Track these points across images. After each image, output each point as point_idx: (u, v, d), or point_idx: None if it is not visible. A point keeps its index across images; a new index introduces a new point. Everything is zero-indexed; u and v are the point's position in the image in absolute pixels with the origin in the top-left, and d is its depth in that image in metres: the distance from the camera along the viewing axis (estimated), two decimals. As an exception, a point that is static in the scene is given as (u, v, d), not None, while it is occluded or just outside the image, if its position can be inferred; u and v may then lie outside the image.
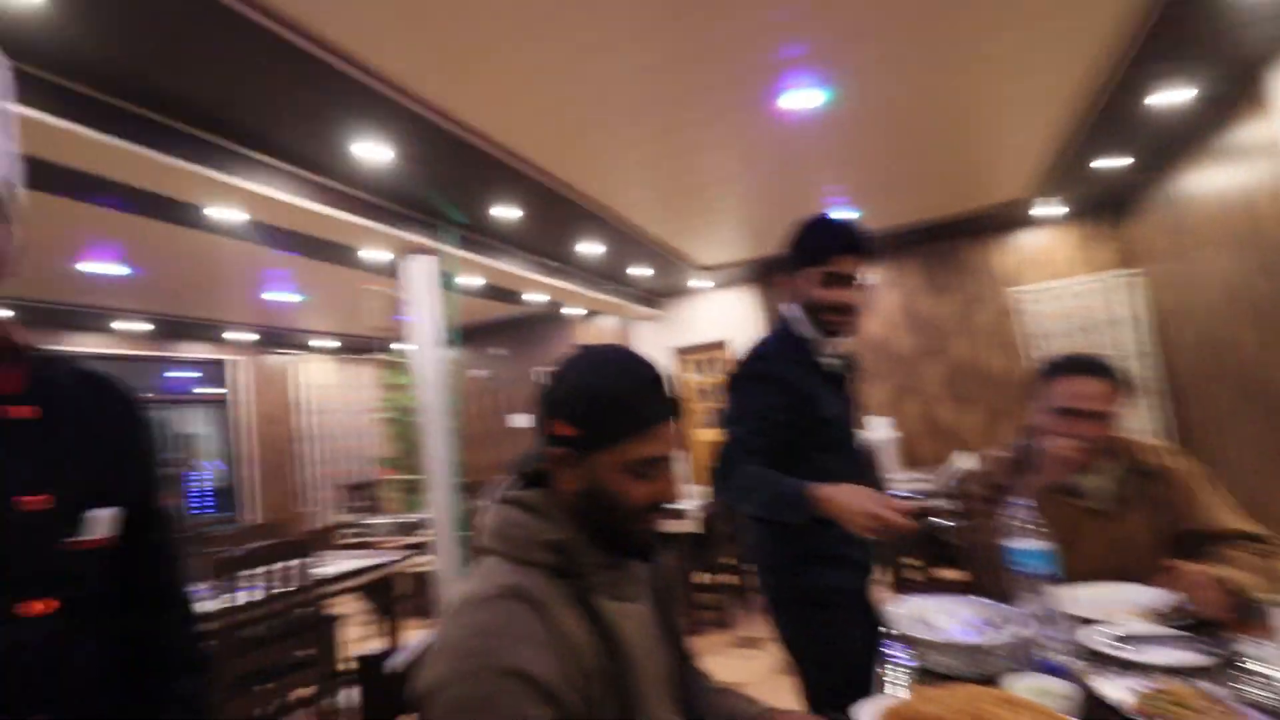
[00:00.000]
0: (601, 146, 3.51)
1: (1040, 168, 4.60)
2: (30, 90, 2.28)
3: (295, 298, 5.92)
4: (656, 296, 7.45)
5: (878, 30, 2.66)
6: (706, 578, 4.08)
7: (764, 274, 6.88)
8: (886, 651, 1.14)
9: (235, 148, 2.99)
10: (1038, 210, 5.51)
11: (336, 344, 8.02)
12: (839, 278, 1.49)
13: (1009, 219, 5.74)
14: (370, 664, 0.79)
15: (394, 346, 4.37)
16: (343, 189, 3.57)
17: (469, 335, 8.49)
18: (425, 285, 4.11)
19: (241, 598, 2.30)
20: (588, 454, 0.77)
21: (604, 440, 0.77)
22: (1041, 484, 1.40)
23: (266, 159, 3.14)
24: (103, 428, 0.77)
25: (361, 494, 6.89)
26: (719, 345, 7.21)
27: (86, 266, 4.47)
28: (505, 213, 4.27)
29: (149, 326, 6.16)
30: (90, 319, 5.73)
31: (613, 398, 0.77)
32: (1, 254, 0.69)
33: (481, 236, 4.67)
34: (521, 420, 8.28)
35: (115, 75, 2.41)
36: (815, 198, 4.73)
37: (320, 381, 7.87)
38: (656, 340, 7.57)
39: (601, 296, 6.32)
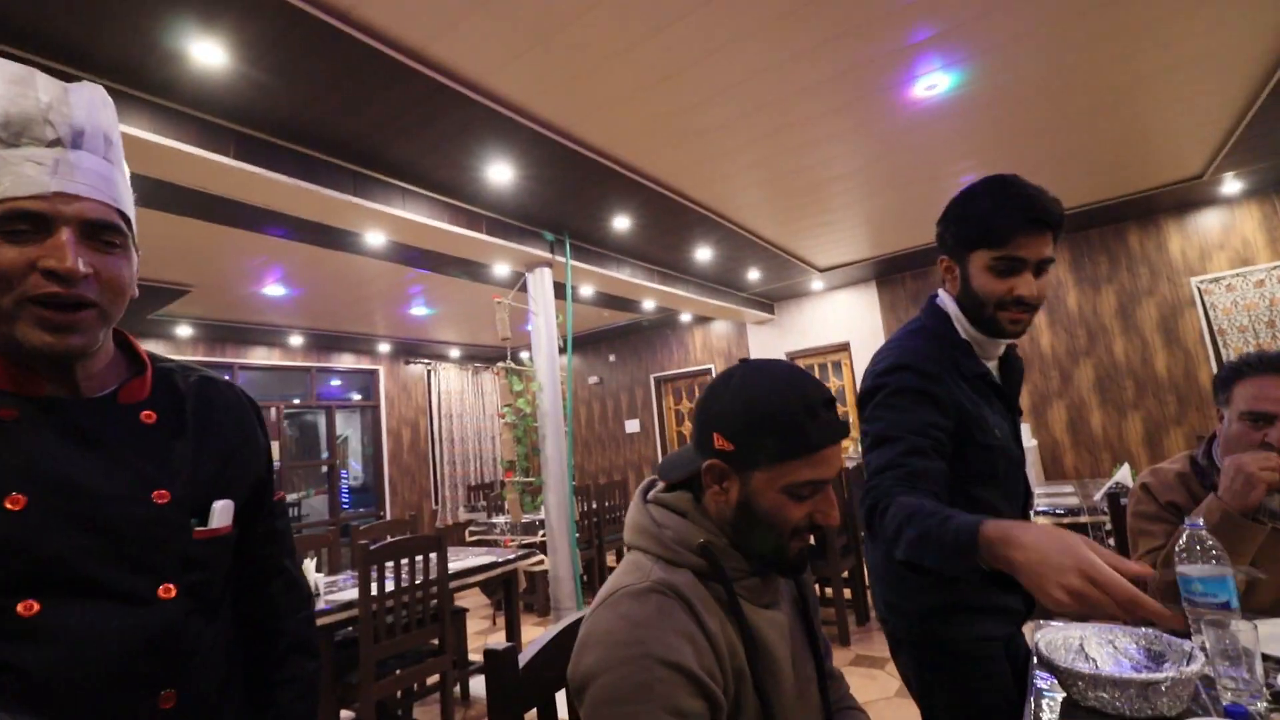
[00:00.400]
0: (713, 150, 3.52)
1: (1218, 140, 4.02)
2: (217, 137, 2.67)
3: (429, 311, 6.42)
4: (770, 300, 7.32)
5: (1018, 1, 2.46)
6: (824, 592, 3.92)
7: (886, 273, 6.56)
8: (1038, 685, 1.02)
9: (383, 178, 3.33)
10: (1215, 188, 4.82)
11: (464, 354, 8.60)
12: (1018, 263, 1.14)
13: (1179, 200, 5.06)
14: (498, 658, 0.83)
15: (517, 355, 4.61)
16: (473, 210, 3.84)
17: (584, 343, 8.79)
18: (544, 296, 4.31)
19: (381, 587, 2.52)
20: (745, 470, 0.76)
21: (763, 459, 0.75)
22: (1226, 503, 1.21)
23: (409, 186, 3.46)
24: (220, 428, 0.85)
25: (485, 494, 7.33)
26: (842, 347, 6.99)
27: (259, 289, 5.13)
28: (619, 223, 4.39)
29: (306, 340, 6.95)
30: (261, 335, 6.55)
31: (777, 418, 0.74)
32: (119, 283, 0.74)
33: (597, 248, 4.83)
34: (633, 426, 8.43)
35: (285, 121, 2.76)
36: (946, 188, 4.44)
37: (450, 389, 8.47)
38: (771, 344, 7.44)
39: (714, 302, 6.31)
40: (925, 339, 1.22)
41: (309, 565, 2.84)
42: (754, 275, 6.18)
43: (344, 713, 2.72)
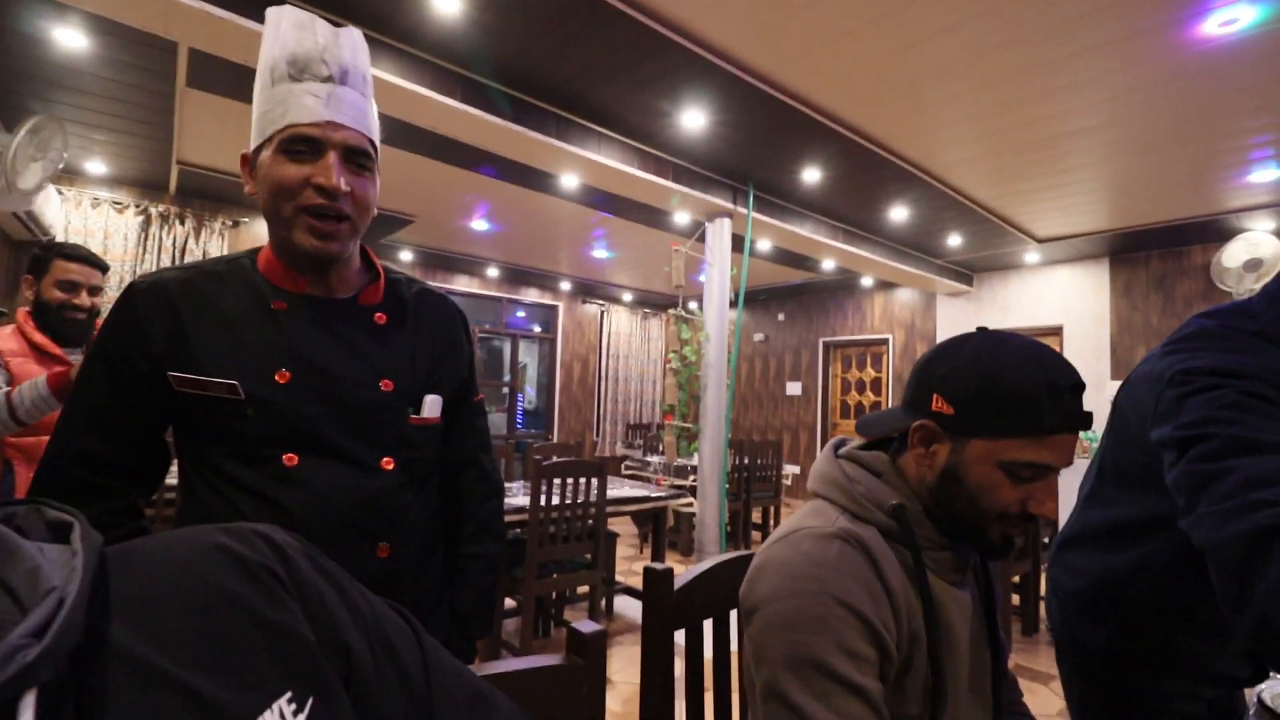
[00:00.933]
0: (927, 98, 3.20)
1: None
2: (447, 81, 2.97)
3: (609, 254, 6.72)
4: (969, 270, 6.61)
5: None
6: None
7: (1125, 250, 5.60)
8: None
9: (583, 122, 3.49)
10: None
11: (635, 298, 8.92)
12: None
13: None
14: (657, 576, 0.89)
15: (689, 304, 4.69)
16: (662, 156, 3.90)
17: (753, 298, 8.67)
18: (721, 247, 4.30)
19: (548, 499, 2.79)
20: (961, 437, 0.73)
21: (986, 429, 0.71)
22: None
23: (604, 130, 3.60)
24: (436, 333, 0.97)
25: (642, 433, 7.69)
26: (1052, 331, 6.15)
27: (468, 223, 5.71)
28: (808, 175, 4.20)
29: (500, 273, 7.64)
30: (465, 264, 7.33)
31: (1013, 389, 0.70)
32: (367, 201, 0.85)
33: (781, 200, 4.68)
34: (795, 388, 8.23)
35: (504, 66, 2.99)
36: (1227, 153, 3.64)
37: (619, 330, 8.87)
38: (963, 319, 6.76)
39: (903, 267, 5.84)
40: (1262, 344, 0.85)
41: (491, 470, 3.21)
42: (954, 241, 5.60)
43: (508, 600, 3.10)
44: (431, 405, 0.94)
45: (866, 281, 7.37)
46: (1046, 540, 3.50)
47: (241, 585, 0.37)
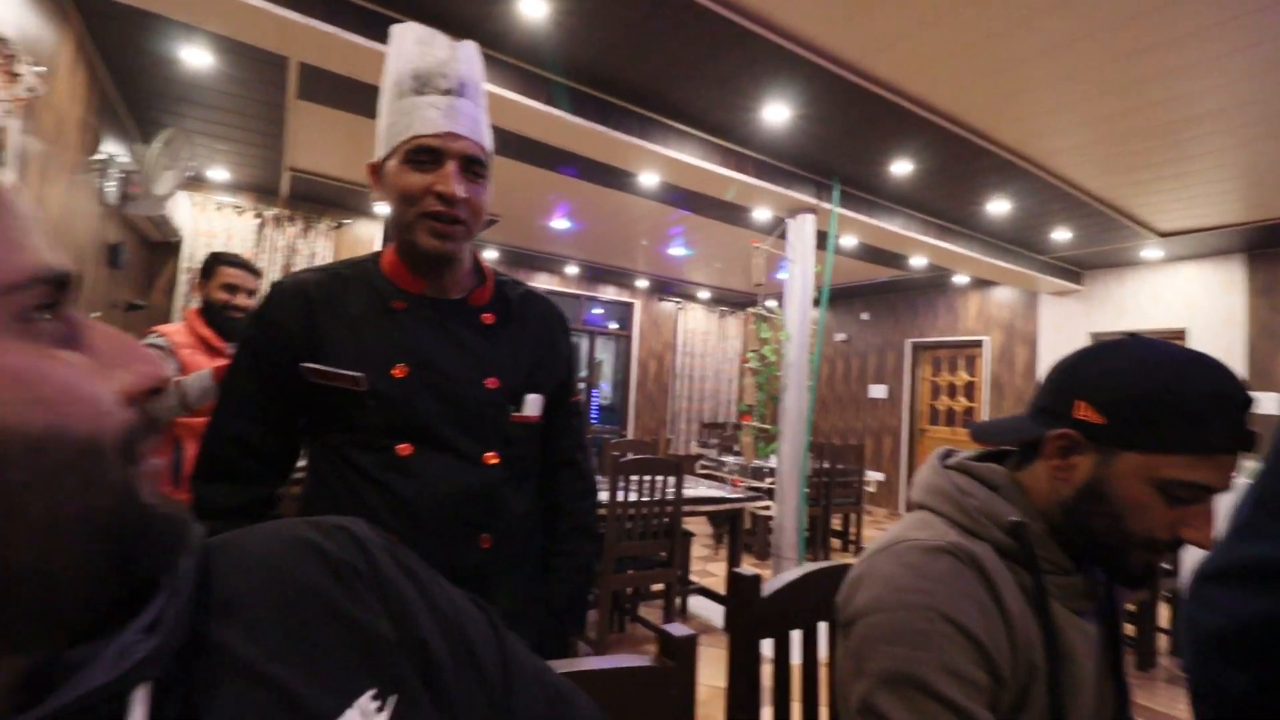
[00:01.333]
0: (1031, 82, 2.97)
1: None
2: (534, 85, 3.03)
3: (686, 252, 6.70)
4: (1078, 267, 6.13)
5: None
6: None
7: (1263, 245, 5.03)
8: None
9: (664, 120, 3.49)
10: None
11: (712, 296, 8.84)
12: None
13: None
14: (744, 582, 0.86)
15: (767, 302, 4.59)
16: (742, 151, 3.84)
17: (835, 296, 8.40)
18: (804, 244, 4.18)
19: (626, 495, 2.81)
20: (1110, 449, 0.66)
21: (1143, 442, 0.64)
22: None
23: (684, 128, 3.58)
24: (538, 334, 1.01)
25: (717, 432, 7.61)
26: (1174, 335, 5.60)
27: (548, 222, 5.84)
28: (898, 168, 4.01)
29: (579, 270, 7.78)
30: (545, 262, 7.51)
31: (1179, 401, 0.63)
32: (480, 207, 0.90)
33: (868, 194, 4.50)
34: (879, 391, 7.91)
35: (586, 67, 3.02)
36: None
37: (695, 328, 8.83)
38: (1070, 321, 6.28)
39: (1002, 264, 5.47)
40: None
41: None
42: (1062, 236, 5.19)
43: (584, 594, 3.14)
44: (532, 404, 0.97)
45: (960, 279, 6.97)
46: (1168, 568, 3.17)
47: (325, 581, 0.37)
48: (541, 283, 7.79)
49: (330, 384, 0.86)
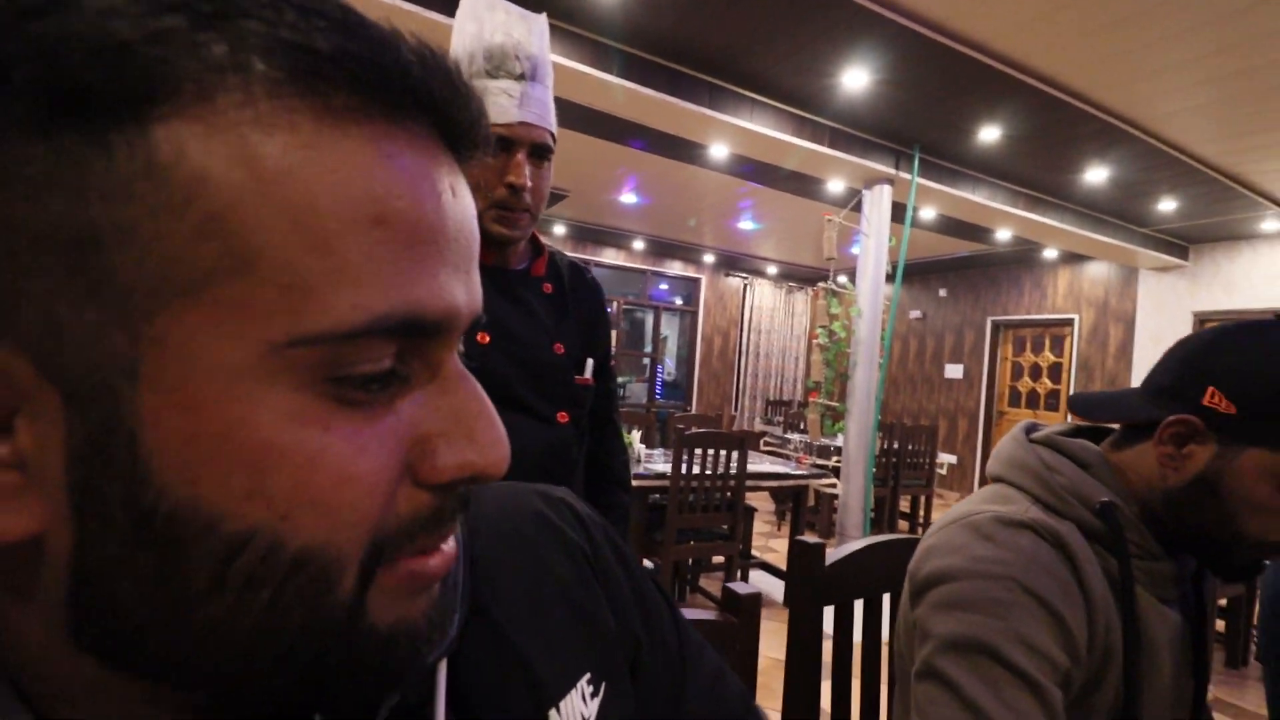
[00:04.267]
0: (1141, 40, 2.72)
1: None
2: (605, 56, 3.03)
3: (755, 226, 6.57)
4: (1184, 240, 5.63)
5: None
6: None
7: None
8: None
9: (736, 89, 3.41)
10: None
11: (780, 271, 8.66)
12: None
13: None
14: (808, 550, 0.87)
15: (838, 278, 4.47)
16: (818, 120, 3.71)
17: (910, 272, 8.05)
18: (879, 217, 4.03)
19: (690, 468, 2.84)
20: (1235, 443, 0.62)
21: (1274, 440, 0.60)
22: None
23: (758, 97, 3.49)
24: (587, 303, 1.07)
25: (782, 409, 7.52)
26: None
27: (617, 196, 5.85)
28: (986, 135, 3.78)
29: (645, 245, 7.77)
30: (612, 237, 7.54)
31: None
32: (544, 191, 0.94)
33: (950, 163, 4.27)
34: (955, 371, 7.58)
35: (657, 37, 2.99)
36: None
37: (762, 304, 8.69)
38: (1172, 299, 5.81)
39: (1098, 237, 5.09)
40: None
41: (635, 436, 3.33)
42: (1167, 206, 4.77)
43: (646, 561, 3.22)
44: (590, 368, 1.04)
45: (1049, 254, 6.53)
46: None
47: (561, 561, 0.37)
48: (608, 258, 7.84)
49: None
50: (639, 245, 7.77)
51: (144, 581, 0.19)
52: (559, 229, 7.24)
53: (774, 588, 3.58)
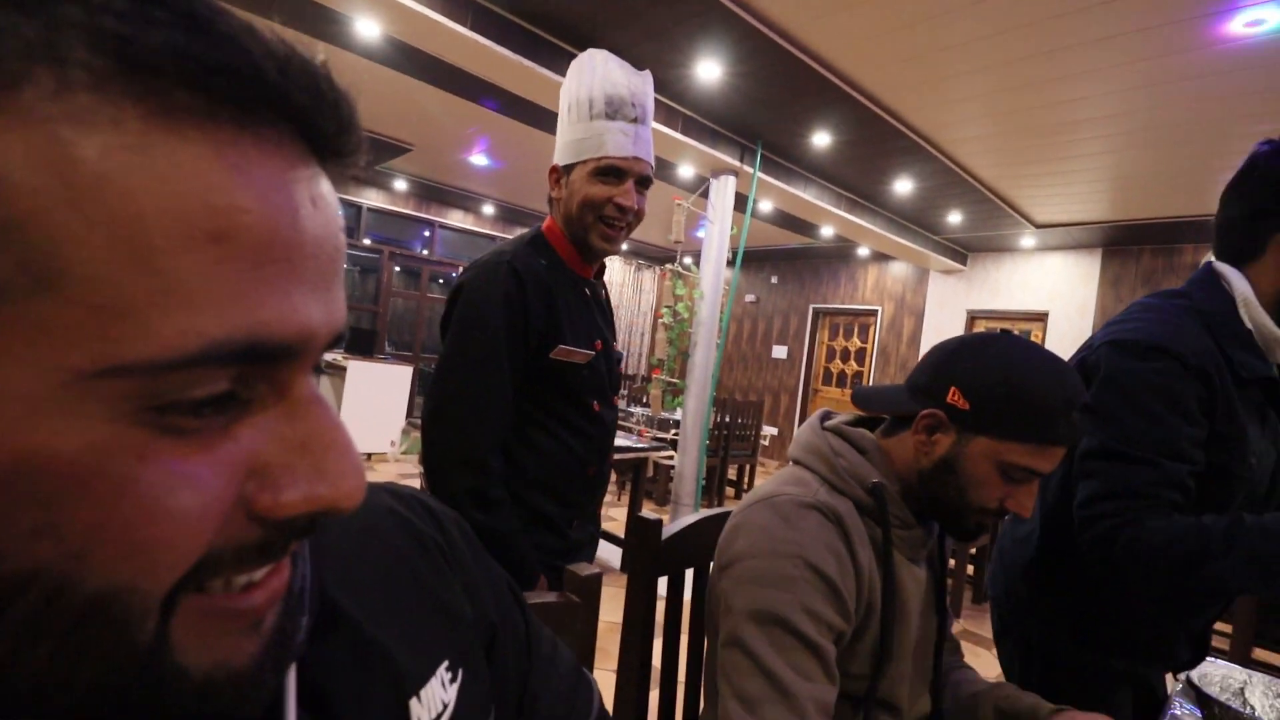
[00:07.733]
0: (946, 71, 3.14)
1: None
2: (458, 7, 2.85)
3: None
4: (964, 249, 6.64)
5: None
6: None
7: (1118, 242, 5.65)
8: (1174, 713, 0.93)
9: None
10: None
11: (629, 248, 8.83)
12: None
13: None
14: (646, 526, 0.93)
15: (684, 259, 4.67)
16: (672, 106, 3.81)
17: (748, 259, 8.64)
18: (724, 205, 4.26)
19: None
20: (968, 433, 0.76)
21: (996, 430, 0.74)
22: None
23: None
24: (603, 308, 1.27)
25: (627, 384, 7.76)
26: (1037, 317, 6.24)
27: (467, 157, 5.56)
28: (818, 139, 4.14)
29: (496, 211, 7.51)
30: (460, 199, 7.18)
31: (1033, 399, 0.73)
32: (642, 214, 1.11)
33: (787, 162, 4.62)
34: (780, 352, 8.31)
35: (516, -5, 2.86)
36: (1230, 154, 3.64)
37: (612, 280, 8.83)
38: (953, 298, 6.83)
39: (900, 240, 5.84)
40: (1192, 320, 0.95)
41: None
42: (954, 219, 5.60)
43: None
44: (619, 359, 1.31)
45: (863, 252, 7.38)
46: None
47: (413, 551, 0.37)
48: (455, 220, 7.46)
49: (567, 360, 1.08)
50: (489, 210, 7.49)
51: None
52: (400, 184, 6.73)
53: (612, 554, 3.73)
